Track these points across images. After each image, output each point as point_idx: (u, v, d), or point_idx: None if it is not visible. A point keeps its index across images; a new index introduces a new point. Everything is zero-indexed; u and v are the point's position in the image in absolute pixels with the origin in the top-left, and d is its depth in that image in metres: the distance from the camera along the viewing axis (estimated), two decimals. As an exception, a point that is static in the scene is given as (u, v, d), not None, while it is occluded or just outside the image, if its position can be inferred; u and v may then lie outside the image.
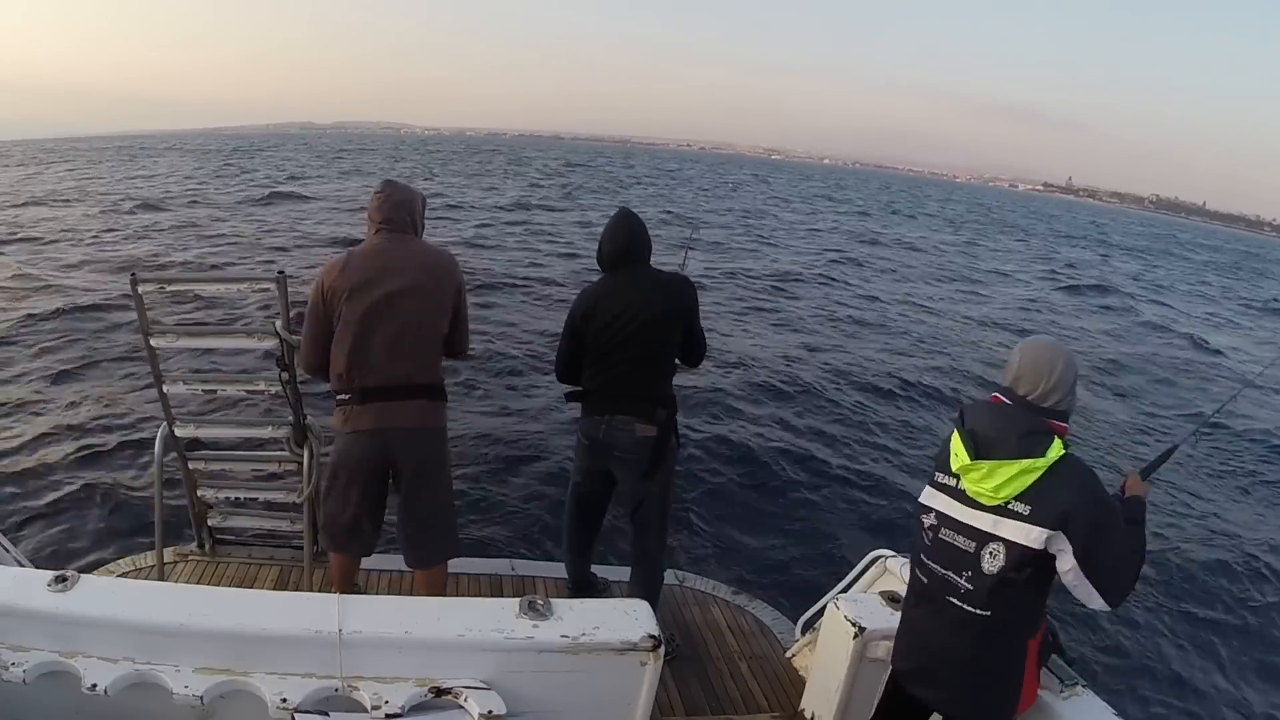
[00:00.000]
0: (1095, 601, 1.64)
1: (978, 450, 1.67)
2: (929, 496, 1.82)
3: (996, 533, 1.66)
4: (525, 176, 40.35)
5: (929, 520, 1.80)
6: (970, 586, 1.69)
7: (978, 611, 1.69)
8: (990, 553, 1.66)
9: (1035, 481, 1.61)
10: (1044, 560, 1.64)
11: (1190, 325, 15.81)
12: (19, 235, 13.60)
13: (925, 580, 1.81)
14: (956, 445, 1.73)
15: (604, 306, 2.61)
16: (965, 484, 1.71)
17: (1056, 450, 1.61)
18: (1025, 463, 1.61)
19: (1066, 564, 1.61)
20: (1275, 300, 22.85)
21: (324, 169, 38.08)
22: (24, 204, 18.74)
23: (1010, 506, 1.64)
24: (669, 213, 23.04)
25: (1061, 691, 1.98)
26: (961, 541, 1.72)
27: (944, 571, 1.75)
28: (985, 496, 1.67)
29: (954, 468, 1.73)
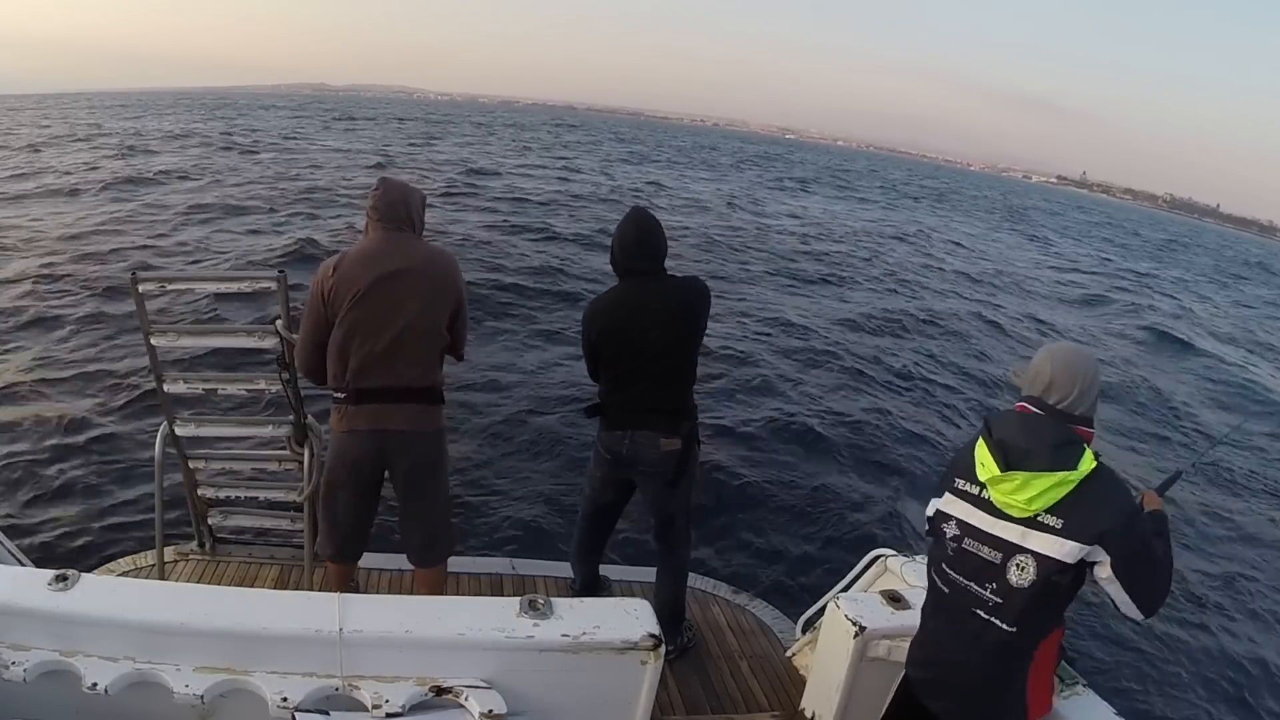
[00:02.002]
0: (1130, 610, 1.61)
1: (1008, 461, 1.63)
2: (949, 504, 1.77)
3: (1025, 545, 1.62)
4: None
5: (950, 530, 1.75)
6: (999, 600, 1.65)
7: (1005, 627, 1.65)
8: (1018, 565, 1.62)
9: (1068, 494, 1.58)
10: (1075, 572, 1.61)
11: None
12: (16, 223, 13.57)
13: (946, 590, 1.76)
14: (984, 455, 1.68)
15: (622, 321, 2.53)
16: (993, 495, 1.66)
17: (1088, 462, 1.59)
18: (1060, 475, 1.58)
19: (1104, 572, 1.59)
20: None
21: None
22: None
23: (1040, 519, 1.61)
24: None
25: (1062, 691, 1.98)
26: (986, 552, 1.67)
27: (966, 583, 1.71)
28: (1016, 508, 1.62)
29: (982, 478, 1.68)
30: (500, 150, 34.71)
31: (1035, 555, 1.61)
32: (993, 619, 1.66)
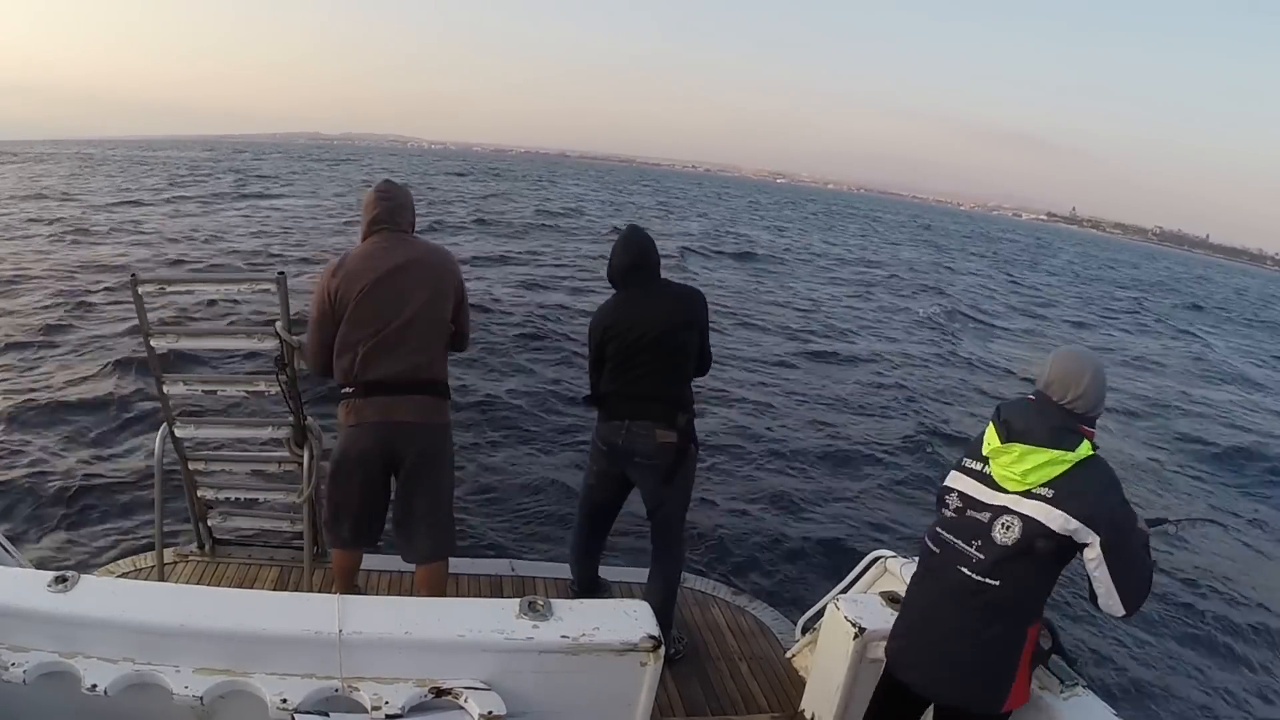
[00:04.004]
0: (1113, 600, 1.69)
1: (1009, 435, 1.74)
2: (953, 479, 1.89)
3: (1014, 509, 1.71)
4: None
5: (952, 502, 1.86)
6: (981, 556, 1.75)
7: (986, 580, 1.73)
8: (1004, 524, 1.72)
9: (1063, 473, 1.68)
10: (1060, 544, 1.67)
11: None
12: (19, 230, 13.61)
13: (937, 550, 1.86)
14: (990, 434, 1.80)
15: (623, 319, 2.65)
16: (993, 468, 1.77)
17: (1086, 449, 1.69)
18: (1056, 453, 1.68)
19: (1092, 554, 1.66)
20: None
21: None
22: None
23: (1034, 491, 1.70)
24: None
25: (1061, 692, 1.98)
26: (980, 516, 1.77)
27: (955, 540, 1.81)
28: (1012, 481, 1.73)
29: (985, 451, 1.79)
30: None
31: (1022, 517, 1.70)
32: (974, 575, 1.75)
